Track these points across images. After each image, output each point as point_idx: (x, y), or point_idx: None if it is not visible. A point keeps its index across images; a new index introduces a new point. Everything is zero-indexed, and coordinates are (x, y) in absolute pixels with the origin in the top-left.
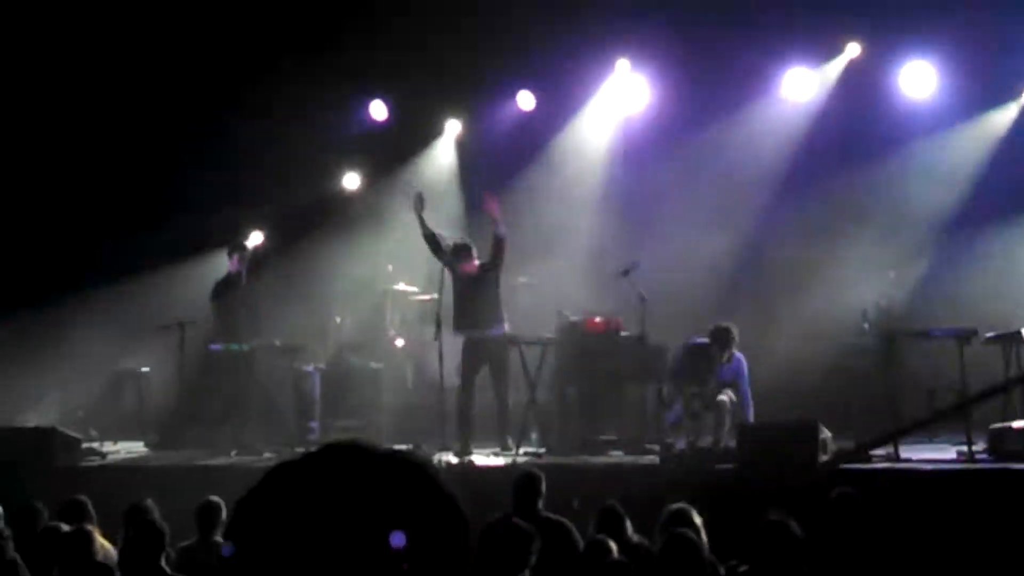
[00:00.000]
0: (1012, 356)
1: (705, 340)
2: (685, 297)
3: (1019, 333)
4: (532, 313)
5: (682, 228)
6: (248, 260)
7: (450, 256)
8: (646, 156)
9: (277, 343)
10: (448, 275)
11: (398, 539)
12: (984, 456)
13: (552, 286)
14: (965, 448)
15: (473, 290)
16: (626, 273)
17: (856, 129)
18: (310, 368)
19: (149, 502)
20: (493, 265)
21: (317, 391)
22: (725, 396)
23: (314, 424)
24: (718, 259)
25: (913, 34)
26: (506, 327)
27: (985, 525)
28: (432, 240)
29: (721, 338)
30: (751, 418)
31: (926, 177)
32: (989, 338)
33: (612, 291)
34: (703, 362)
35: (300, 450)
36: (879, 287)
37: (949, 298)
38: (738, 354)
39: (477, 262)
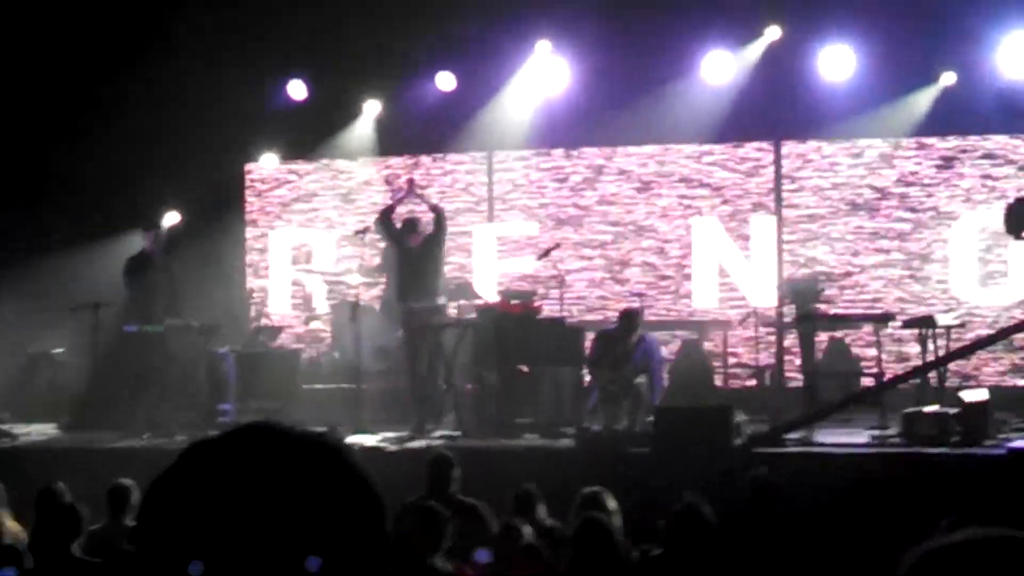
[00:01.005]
0: (927, 341)
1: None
2: (607, 280)
3: (934, 318)
4: (451, 296)
5: (602, 208)
6: (163, 240)
7: (399, 231)
8: (566, 138)
9: (193, 324)
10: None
11: (314, 563)
12: (897, 440)
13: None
14: (878, 432)
15: (418, 263)
16: (545, 255)
17: (776, 111)
18: (225, 350)
19: (61, 485)
20: (437, 238)
21: (232, 373)
22: (642, 379)
23: (227, 406)
24: (639, 239)
25: (832, 18)
26: (444, 300)
27: (896, 508)
28: (387, 217)
29: (627, 321)
30: (657, 400)
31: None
32: (905, 323)
33: (531, 273)
34: (619, 346)
35: (214, 432)
36: (796, 271)
37: (865, 283)
38: (650, 336)
39: (422, 237)
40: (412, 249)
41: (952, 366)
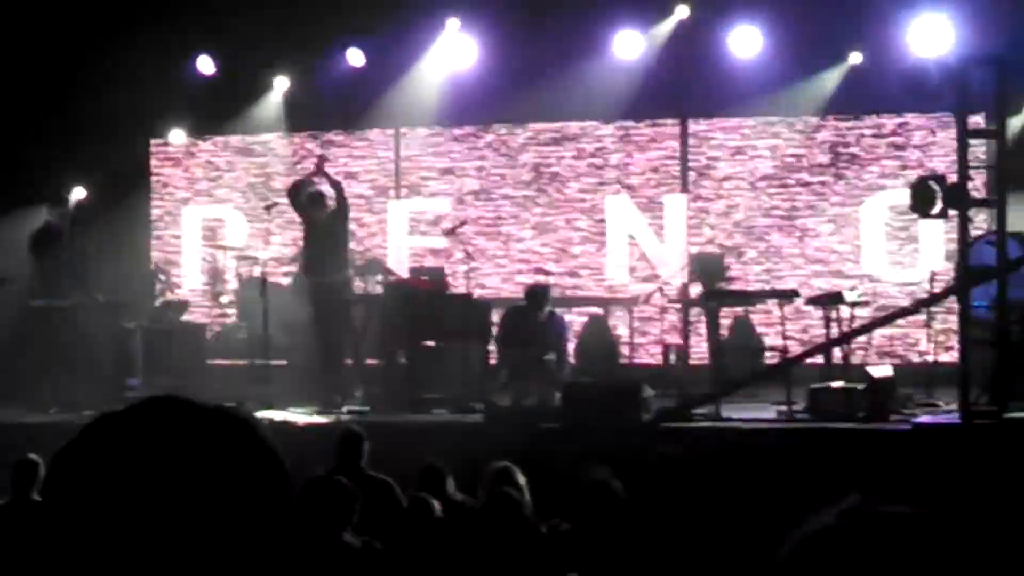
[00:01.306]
0: (832, 318)
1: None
2: (515, 255)
3: (840, 295)
4: (362, 272)
5: (513, 185)
6: (70, 215)
7: (305, 206)
8: (477, 115)
9: (100, 299)
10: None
11: None
12: (803, 415)
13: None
14: (785, 408)
15: (324, 238)
16: (452, 231)
17: (685, 89)
18: (132, 325)
19: None
20: (340, 213)
21: (139, 348)
22: (551, 356)
23: (134, 381)
24: (550, 216)
25: None
26: (351, 273)
27: (803, 482)
28: (296, 192)
29: (534, 297)
30: (565, 377)
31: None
32: (810, 299)
33: (441, 249)
34: (527, 323)
35: (121, 407)
36: (703, 248)
37: (772, 260)
38: (557, 313)
39: (328, 209)
40: (318, 224)
41: (857, 341)
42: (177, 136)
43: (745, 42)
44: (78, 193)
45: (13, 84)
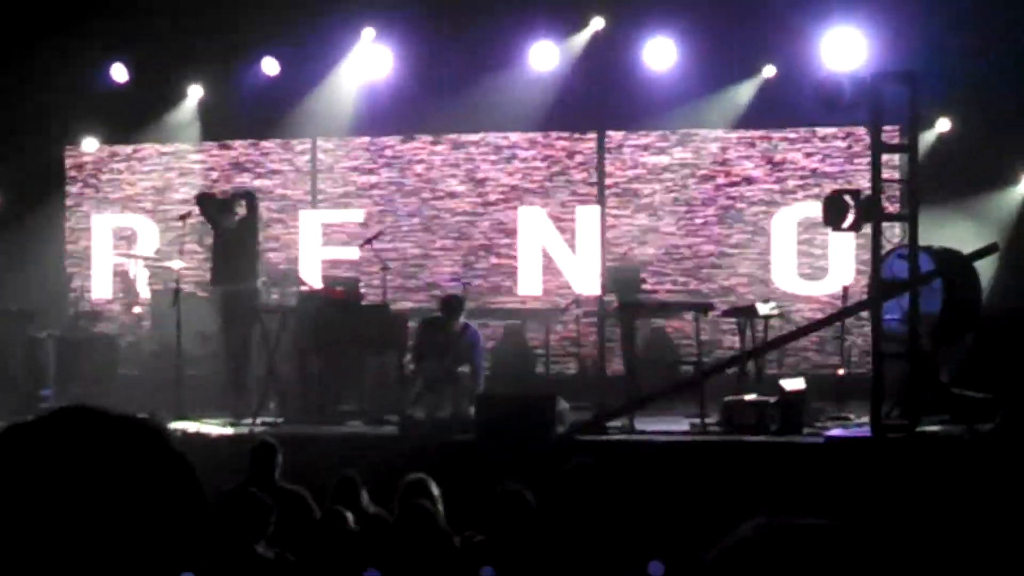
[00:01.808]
0: (746, 329)
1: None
2: (430, 267)
3: (754, 307)
4: (276, 282)
5: (428, 196)
6: None
7: (214, 212)
8: (392, 126)
9: (11, 308)
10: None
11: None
12: (717, 428)
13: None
14: (698, 420)
15: (233, 246)
16: (368, 242)
17: (600, 101)
18: (44, 335)
19: None
20: (249, 222)
21: (51, 358)
22: (465, 368)
23: (47, 392)
24: (464, 227)
25: (655, 10)
26: (261, 283)
27: (716, 495)
28: (208, 199)
29: (448, 306)
30: (481, 388)
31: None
32: (725, 312)
33: (355, 260)
34: (441, 334)
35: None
36: (617, 260)
37: (686, 272)
38: (472, 325)
39: (238, 217)
40: (227, 232)
41: (770, 354)
42: (90, 144)
43: (660, 55)
44: None
45: None
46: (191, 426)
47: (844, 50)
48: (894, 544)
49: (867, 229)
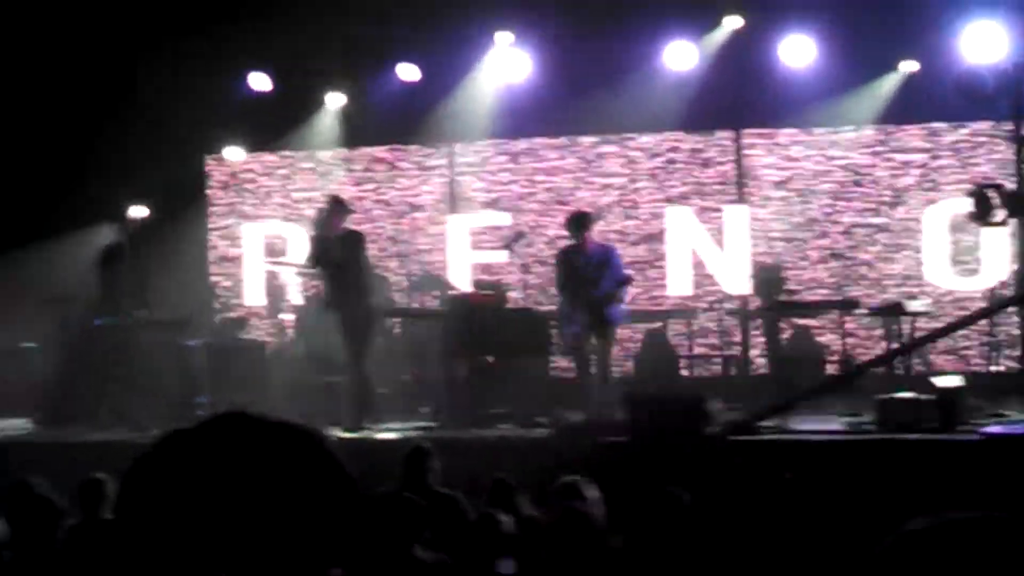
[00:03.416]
0: (893, 328)
1: None
2: None
3: (900, 305)
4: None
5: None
6: (132, 233)
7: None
8: (530, 128)
9: (162, 317)
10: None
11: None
12: (872, 427)
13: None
14: (852, 419)
15: (343, 272)
16: (511, 245)
17: (738, 100)
18: (195, 342)
19: (36, 480)
20: (359, 249)
21: (204, 365)
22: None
23: (202, 399)
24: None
25: (792, 7)
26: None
27: (872, 495)
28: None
29: (576, 224)
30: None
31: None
32: (872, 310)
33: (500, 263)
34: (579, 258)
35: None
36: (761, 259)
37: (831, 270)
38: (607, 244)
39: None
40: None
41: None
42: (232, 152)
43: (797, 52)
44: (137, 211)
45: (68, 103)
46: (345, 432)
47: (985, 43)
48: None
49: None
